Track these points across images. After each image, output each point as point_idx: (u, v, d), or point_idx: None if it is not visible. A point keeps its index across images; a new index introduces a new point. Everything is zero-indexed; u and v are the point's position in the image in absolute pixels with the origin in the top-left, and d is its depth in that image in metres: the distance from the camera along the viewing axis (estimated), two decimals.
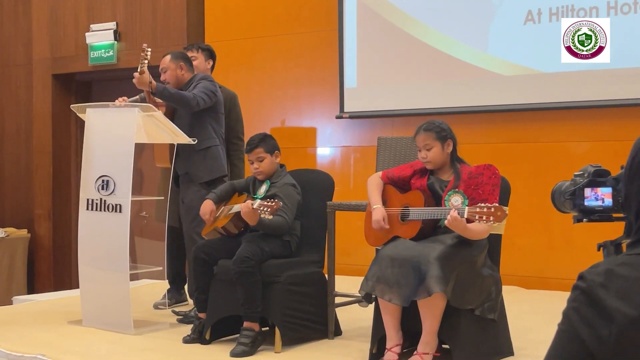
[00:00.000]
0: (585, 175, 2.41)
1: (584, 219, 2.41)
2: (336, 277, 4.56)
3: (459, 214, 3.59)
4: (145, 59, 4.81)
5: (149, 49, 4.85)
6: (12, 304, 6.39)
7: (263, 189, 4.50)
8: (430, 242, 3.75)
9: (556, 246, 6.08)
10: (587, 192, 2.32)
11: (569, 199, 2.44)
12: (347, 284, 4.87)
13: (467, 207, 3.61)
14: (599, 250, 2.43)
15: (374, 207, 3.97)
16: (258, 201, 4.19)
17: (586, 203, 2.31)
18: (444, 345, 3.86)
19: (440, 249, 3.66)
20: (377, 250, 4.08)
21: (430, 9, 6.62)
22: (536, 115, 6.22)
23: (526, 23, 6.20)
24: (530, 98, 6.20)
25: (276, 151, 4.53)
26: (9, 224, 8.86)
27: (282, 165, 4.58)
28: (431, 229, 3.85)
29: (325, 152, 7.31)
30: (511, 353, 4.01)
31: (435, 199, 3.86)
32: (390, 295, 3.70)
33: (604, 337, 1.44)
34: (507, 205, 3.91)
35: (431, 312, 3.68)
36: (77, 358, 4.10)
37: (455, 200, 3.73)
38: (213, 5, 7.77)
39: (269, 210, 4.10)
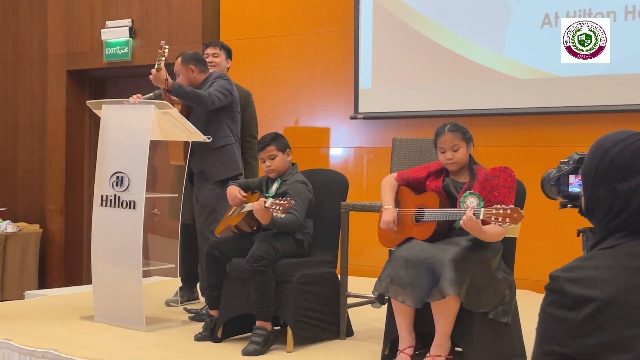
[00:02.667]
0: (570, 162, 2.44)
1: (569, 205, 2.44)
2: (349, 277, 4.56)
3: (474, 214, 3.57)
4: (163, 56, 4.81)
5: (167, 46, 4.85)
6: (23, 298, 6.41)
7: (274, 187, 4.50)
8: (444, 244, 3.73)
9: (569, 251, 6.02)
10: (572, 178, 2.35)
11: (554, 185, 2.47)
12: (359, 285, 4.86)
13: (483, 209, 3.60)
14: (578, 235, 2.47)
15: (385, 207, 3.97)
16: (270, 200, 4.19)
17: (570, 189, 2.35)
18: (456, 348, 3.84)
19: (455, 251, 3.64)
20: (390, 251, 4.07)
21: (446, 10, 6.60)
22: (551, 119, 6.19)
23: (543, 26, 6.18)
24: (546, 101, 6.18)
25: (287, 149, 4.54)
26: (22, 218, 8.89)
27: (293, 164, 4.59)
28: (446, 231, 3.84)
29: (338, 153, 7.30)
30: (524, 357, 3.99)
31: (450, 200, 3.85)
32: (404, 297, 3.69)
33: (573, 327, 1.51)
34: (522, 209, 3.89)
35: (444, 314, 3.66)
36: (88, 353, 4.10)
37: (471, 202, 3.72)
38: (228, 3, 7.77)
39: (280, 208, 4.10)
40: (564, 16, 6.07)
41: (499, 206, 3.55)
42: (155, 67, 4.79)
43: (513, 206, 3.56)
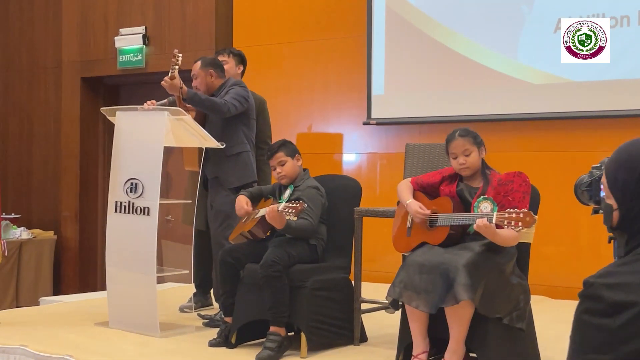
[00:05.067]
0: (602, 167, 2.42)
1: (600, 210, 2.41)
2: (362, 283, 4.56)
3: (487, 219, 3.57)
4: (177, 64, 4.83)
5: (180, 55, 4.87)
6: (38, 304, 6.44)
7: (287, 193, 4.51)
8: (458, 249, 3.72)
9: (584, 256, 6.04)
10: None
11: (586, 190, 2.45)
12: (373, 291, 4.86)
13: (495, 213, 3.59)
14: (609, 242, 2.43)
15: (407, 201, 3.95)
16: (283, 204, 4.20)
17: (602, 195, 2.32)
18: (471, 354, 3.83)
19: (469, 256, 3.63)
20: (404, 256, 4.07)
21: (459, 16, 6.60)
22: (566, 124, 6.18)
23: (556, 31, 6.16)
24: (561, 106, 6.16)
25: (297, 154, 4.54)
26: (36, 225, 8.93)
27: (305, 170, 4.59)
28: (459, 236, 3.83)
29: (351, 159, 7.31)
30: None
31: (464, 205, 3.84)
32: (418, 302, 3.68)
33: (610, 334, 1.48)
34: (536, 214, 3.88)
35: (459, 319, 3.65)
36: (103, 359, 4.12)
37: (485, 206, 3.71)
38: (242, 11, 7.80)
39: (293, 211, 4.11)
40: None
41: (511, 210, 3.55)
42: (169, 75, 4.81)
43: (526, 210, 3.55)
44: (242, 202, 4.55)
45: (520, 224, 3.50)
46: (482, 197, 3.76)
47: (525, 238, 3.87)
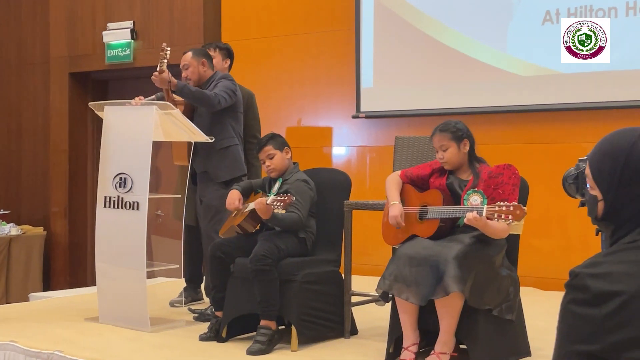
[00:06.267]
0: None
1: None
2: (353, 276, 4.56)
3: (477, 212, 3.58)
4: (165, 57, 4.82)
5: (169, 48, 4.86)
6: (28, 300, 6.43)
7: (276, 187, 4.51)
8: (448, 242, 3.73)
9: (573, 247, 6.06)
10: None
11: (573, 183, 2.45)
12: (363, 283, 4.87)
13: (486, 206, 3.60)
14: (597, 234, 2.43)
15: (392, 203, 3.96)
16: (271, 197, 4.21)
17: (587, 187, 2.33)
18: (461, 345, 3.84)
19: (459, 248, 3.64)
20: (394, 249, 4.08)
21: (448, 8, 6.61)
22: (554, 116, 6.19)
23: (544, 23, 6.18)
24: (549, 99, 6.18)
25: (286, 147, 4.54)
26: (25, 221, 8.90)
27: (295, 163, 4.60)
28: (449, 228, 3.84)
29: (341, 152, 7.31)
30: (528, 354, 4.00)
31: (454, 198, 3.85)
32: (408, 294, 3.69)
33: (597, 324, 1.48)
34: (525, 206, 3.89)
35: (449, 311, 3.66)
36: (94, 354, 4.11)
37: (474, 199, 3.72)
38: (230, 4, 7.78)
39: (281, 204, 4.12)
40: (565, 13, 6.07)
41: (501, 203, 3.56)
42: (158, 69, 4.80)
43: (516, 203, 3.56)
44: (235, 197, 4.55)
45: (510, 216, 3.51)
46: (471, 189, 3.76)
47: (515, 230, 3.89)
